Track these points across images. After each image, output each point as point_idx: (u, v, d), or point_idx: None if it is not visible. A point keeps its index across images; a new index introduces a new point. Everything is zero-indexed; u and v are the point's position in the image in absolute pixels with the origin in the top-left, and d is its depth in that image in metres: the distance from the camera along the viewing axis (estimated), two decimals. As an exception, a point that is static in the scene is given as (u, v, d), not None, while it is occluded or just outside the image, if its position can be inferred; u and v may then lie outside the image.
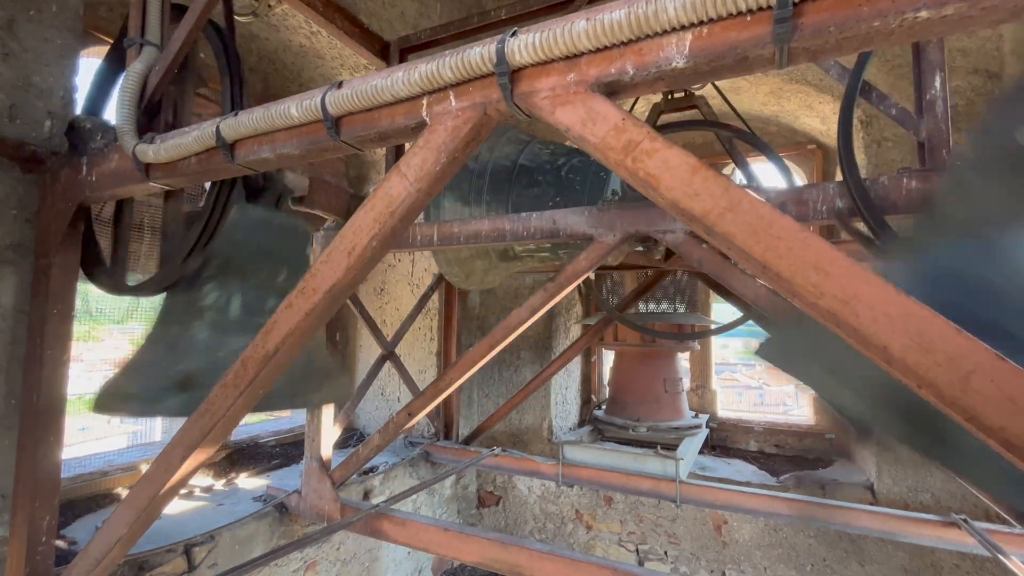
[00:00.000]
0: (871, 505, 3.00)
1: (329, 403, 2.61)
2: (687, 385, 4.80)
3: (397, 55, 3.10)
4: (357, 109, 1.16)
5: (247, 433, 3.79)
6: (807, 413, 4.49)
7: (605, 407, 4.92)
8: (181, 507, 2.65)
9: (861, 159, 3.41)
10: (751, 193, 0.83)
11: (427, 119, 1.10)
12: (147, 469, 1.50)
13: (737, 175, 3.61)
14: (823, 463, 3.99)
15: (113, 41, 1.88)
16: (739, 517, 3.75)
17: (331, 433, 2.67)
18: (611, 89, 0.95)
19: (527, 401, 4.08)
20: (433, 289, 3.99)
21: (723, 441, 4.68)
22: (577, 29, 0.90)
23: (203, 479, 3.05)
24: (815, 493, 3.43)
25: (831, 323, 0.76)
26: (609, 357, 5.25)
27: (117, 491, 2.71)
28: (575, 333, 5.08)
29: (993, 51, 2.96)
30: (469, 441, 4.00)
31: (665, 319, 4.51)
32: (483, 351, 2.30)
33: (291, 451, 3.71)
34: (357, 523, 2.37)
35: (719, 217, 0.83)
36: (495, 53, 0.97)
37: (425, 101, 1.10)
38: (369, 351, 4.34)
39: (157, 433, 4.05)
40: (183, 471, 1.43)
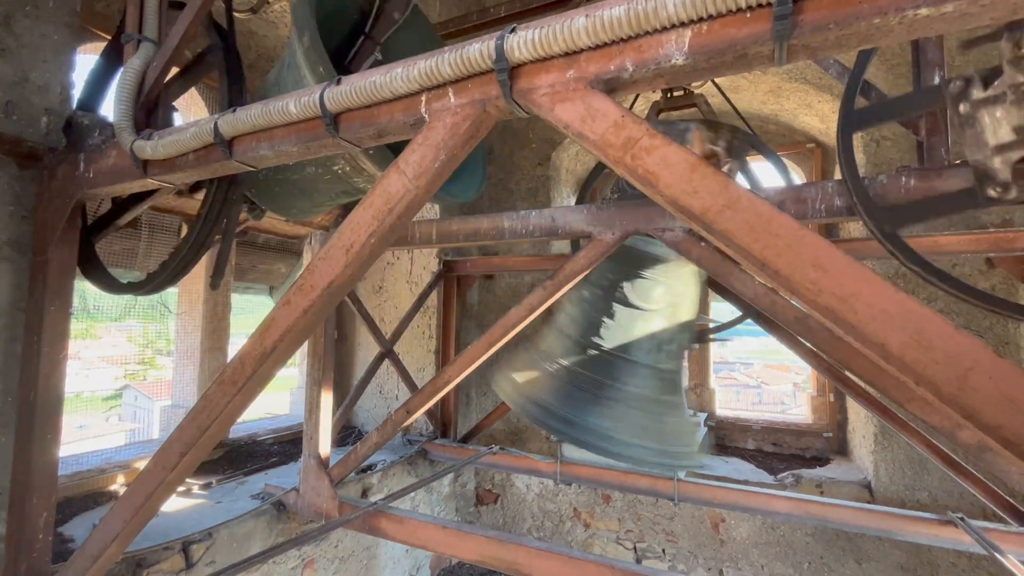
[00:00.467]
0: (868, 503, 3.01)
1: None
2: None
3: (396, 52, 3.09)
4: (356, 106, 1.16)
5: (245, 431, 3.79)
6: (805, 412, 4.49)
7: (604, 405, 4.91)
8: (179, 504, 2.64)
9: (860, 158, 3.41)
10: (750, 191, 0.83)
11: (426, 116, 1.09)
12: (145, 466, 1.50)
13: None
14: (821, 462, 3.99)
15: (111, 37, 1.87)
16: (737, 515, 3.76)
17: (329, 431, 2.66)
18: (610, 86, 0.94)
19: (526, 399, 4.06)
20: (432, 287, 3.99)
21: (721, 439, 4.68)
22: (577, 26, 0.90)
23: (201, 476, 3.05)
24: (812, 491, 3.44)
25: (830, 320, 0.76)
26: (608, 356, 5.24)
27: (115, 488, 2.71)
28: (574, 331, 5.06)
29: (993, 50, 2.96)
30: (467, 439, 4.00)
31: (664, 318, 4.49)
32: (481, 349, 2.30)
33: (289, 449, 3.70)
34: (355, 521, 2.37)
35: (718, 214, 0.83)
36: (494, 49, 0.97)
37: (424, 98, 1.09)
38: (367, 349, 4.34)
39: (155, 431, 4.05)
40: (181, 468, 1.43)
